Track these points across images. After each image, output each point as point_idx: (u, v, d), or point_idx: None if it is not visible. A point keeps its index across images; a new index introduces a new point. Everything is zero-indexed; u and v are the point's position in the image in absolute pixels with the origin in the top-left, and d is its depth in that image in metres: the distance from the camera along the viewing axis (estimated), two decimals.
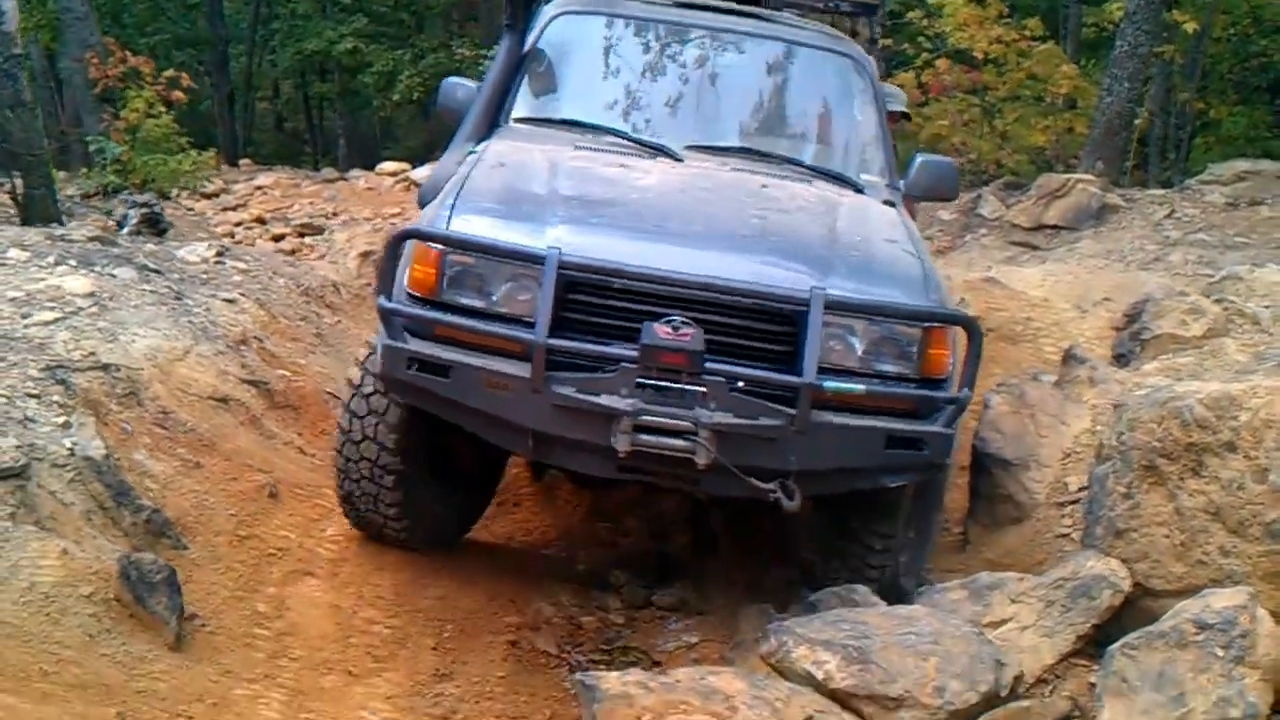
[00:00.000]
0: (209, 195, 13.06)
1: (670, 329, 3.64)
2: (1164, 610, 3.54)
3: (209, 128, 21.88)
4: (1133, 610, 3.72)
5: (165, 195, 11.82)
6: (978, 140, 12.94)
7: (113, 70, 12.94)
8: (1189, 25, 12.30)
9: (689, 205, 4.26)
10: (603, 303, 3.77)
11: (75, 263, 5.71)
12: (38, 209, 8.50)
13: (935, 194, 5.02)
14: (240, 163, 17.99)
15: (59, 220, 8.53)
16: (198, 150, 12.97)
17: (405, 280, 3.88)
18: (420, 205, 4.63)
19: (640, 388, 3.65)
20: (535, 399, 3.69)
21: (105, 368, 4.49)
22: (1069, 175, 10.55)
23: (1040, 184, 10.27)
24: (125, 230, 9.02)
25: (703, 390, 3.65)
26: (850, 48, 5.44)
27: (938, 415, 3.85)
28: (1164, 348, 5.68)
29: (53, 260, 5.71)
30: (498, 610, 4.69)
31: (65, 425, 3.98)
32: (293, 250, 10.33)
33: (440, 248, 3.82)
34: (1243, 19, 13.75)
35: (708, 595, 4.99)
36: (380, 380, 4.03)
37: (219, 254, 7.38)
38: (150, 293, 5.60)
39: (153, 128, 12.31)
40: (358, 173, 15.45)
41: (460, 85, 5.02)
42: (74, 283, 5.23)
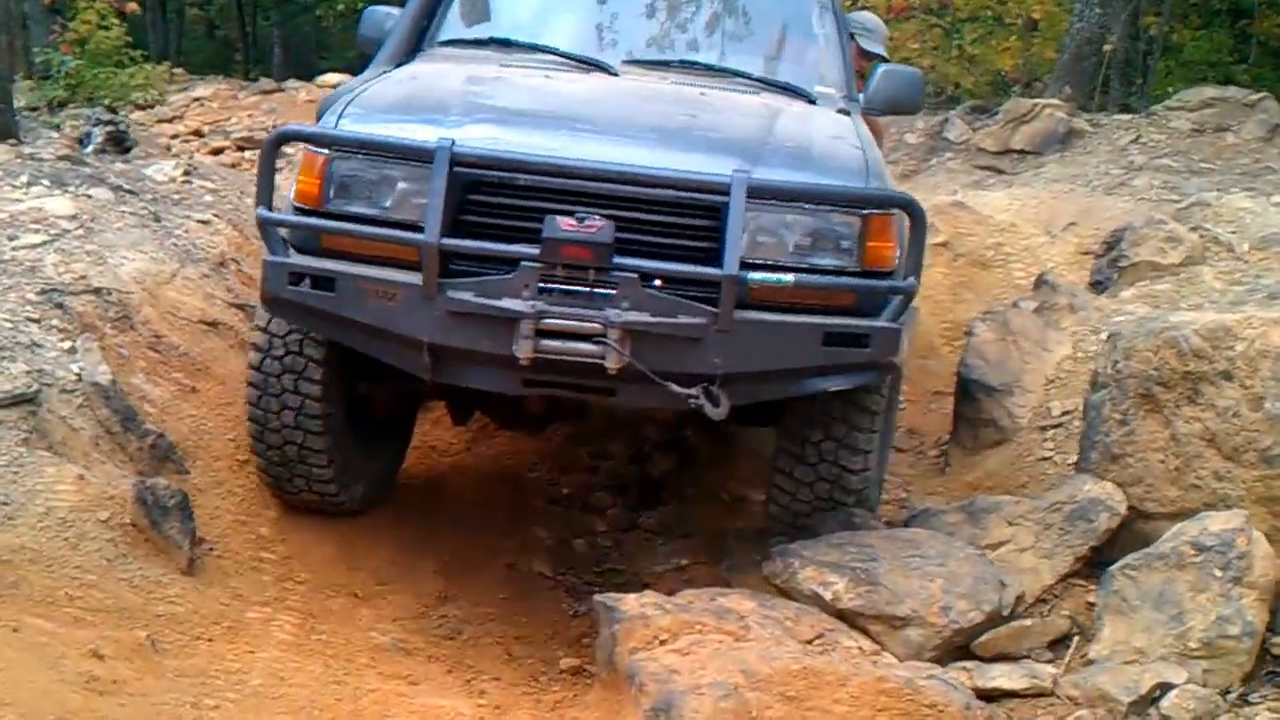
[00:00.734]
0: (143, 107, 12.54)
1: (575, 221, 3.37)
2: (1158, 533, 3.67)
3: (139, 35, 21.14)
4: (1127, 533, 3.85)
5: (113, 110, 11.48)
6: (945, 63, 12.91)
7: None
8: None
9: (610, 108, 3.96)
10: (507, 203, 3.49)
11: (49, 183, 5.56)
12: None
13: (898, 106, 4.67)
14: (173, 72, 17.41)
15: (16, 136, 8.29)
16: (151, 63, 12.62)
17: (292, 194, 3.62)
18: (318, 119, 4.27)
19: (545, 291, 3.40)
20: (429, 308, 3.42)
21: (97, 291, 4.42)
22: (1037, 100, 10.57)
23: (1008, 108, 10.27)
24: (89, 149, 8.78)
25: (613, 290, 3.39)
26: None
27: (883, 309, 3.56)
28: (1141, 275, 5.76)
29: (25, 180, 5.56)
30: (493, 534, 4.75)
31: (70, 350, 3.94)
32: (233, 164, 9.90)
33: (325, 152, 3.54)
34: None
35: (691, 517, 5.07)
36: (263, 301, 3.67)
37: (186, 173, 7.19)
38: (129, 214, 5.48)
39: (103, 40, 11.94)
40: (296, 84, 14.75)
41: (388, 15, 4.64)
42: (55, 204, 5.11)
